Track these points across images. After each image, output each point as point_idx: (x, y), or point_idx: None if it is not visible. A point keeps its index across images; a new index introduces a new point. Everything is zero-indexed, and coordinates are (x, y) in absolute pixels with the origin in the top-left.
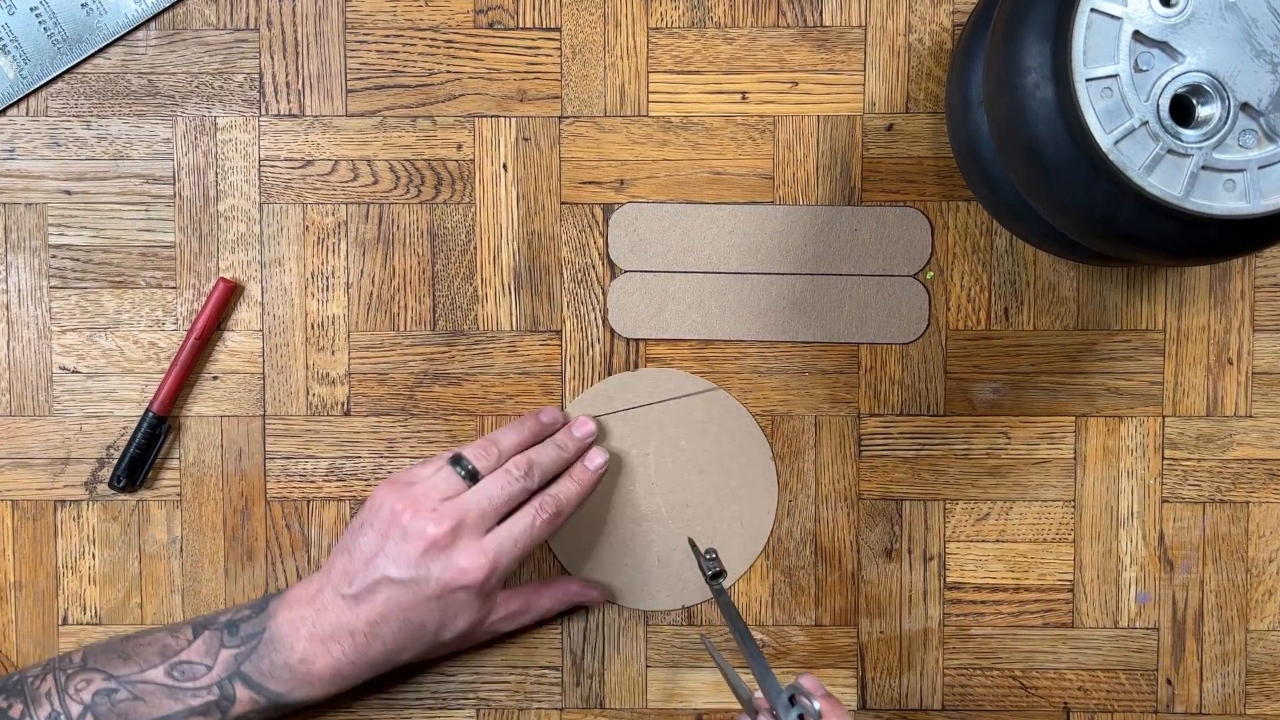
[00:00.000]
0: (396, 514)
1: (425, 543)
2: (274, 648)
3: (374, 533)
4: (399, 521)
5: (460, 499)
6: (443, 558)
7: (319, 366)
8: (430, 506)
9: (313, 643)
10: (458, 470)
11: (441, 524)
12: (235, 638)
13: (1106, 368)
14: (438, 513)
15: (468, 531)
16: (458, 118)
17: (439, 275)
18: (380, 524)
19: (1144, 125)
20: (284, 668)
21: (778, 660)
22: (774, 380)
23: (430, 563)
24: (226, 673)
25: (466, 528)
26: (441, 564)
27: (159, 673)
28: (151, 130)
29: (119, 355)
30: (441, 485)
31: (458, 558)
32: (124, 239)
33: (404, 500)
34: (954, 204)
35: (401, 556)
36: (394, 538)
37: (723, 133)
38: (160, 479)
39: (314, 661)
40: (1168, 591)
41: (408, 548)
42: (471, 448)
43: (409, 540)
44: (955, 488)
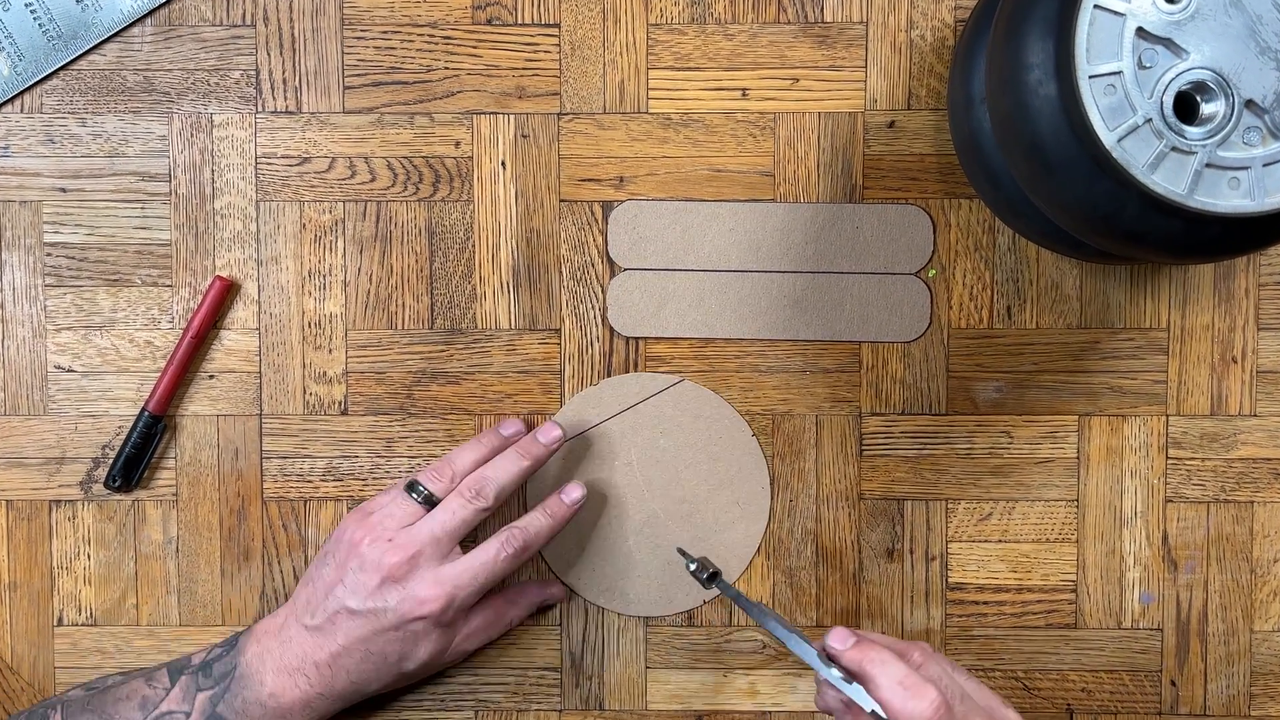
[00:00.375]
0: (355, 543)
1: (382, 573)
2: (244, 684)
3: (334, 562)
4: (357, 551)
5: (415, 527)
6: (399, 588)
7: (316, 365)
8: (387, 535)
9: (280, 675)
10: (413, 496)
11: (397, 553)
12: (209, 678)
13: (1110, 366)
14: (394, 542)
15: (425, 561)
16: (456, 114)
17: (437, 273)
18: (340, 554)
19: (1148, 122)
20: (255, 703)
21: (778, 662)
22: (774, 379)
23: (387, 594)
24: (203, 716)
25: (424, 557)
26: (399, 595)
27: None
28: (147, 127)
29: (114, 354)
30: (398, 513)
31: (415, 588)
32: (119, 237)
33: (362, 529)
34: (956, 201)
35: (359, 587)
36: (352, 568)
37: (723, 129)
38: (156, 479)
39: (283, 695)
40: (1172, 592)
41: (365, 578)
42: (427, 471)
43: (366, 570)
44: (957, 487)
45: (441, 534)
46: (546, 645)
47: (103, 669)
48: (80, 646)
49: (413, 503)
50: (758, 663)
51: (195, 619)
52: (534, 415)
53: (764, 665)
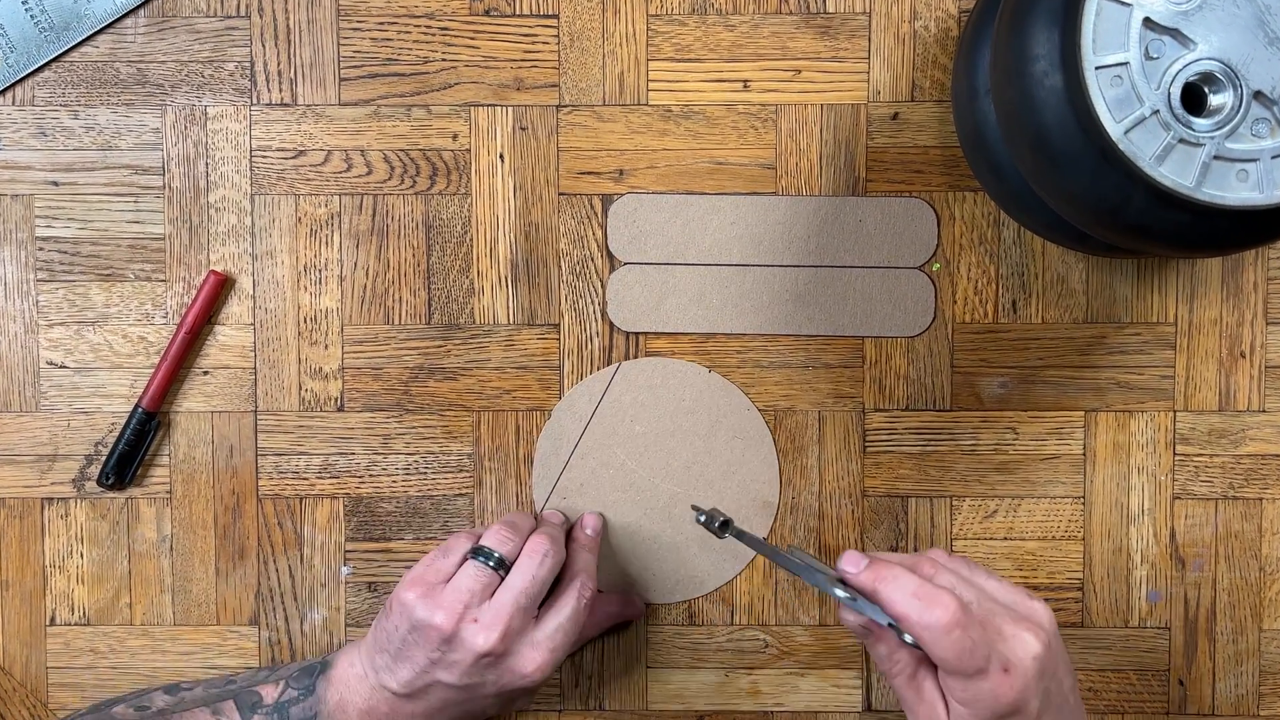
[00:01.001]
0: (434, 626)
1: (477, 654)
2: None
3: (414, 643)
4: (442, 634)
5: (498, 602)
6: (499, 666)
7: (312, 361)
8: (472, 616)
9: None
10: (484, 562)
11: (491, 635)
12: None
13: (1116, 361)
14: (481, 623)
15: (517, 631)
16: (453, 107)
17: (434, 267)
18: (419, 636)
19: (1155, 114)
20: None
21: (780, 660)
22: (777, 374)
23: (485, 671)
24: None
25: (514, 629)
26: (498, 671)
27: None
28: (140, 120)
29: (107, 350)
30: (473, 585)
31: (516, 664)
32: (112, 231)
33: (442, 610)
34: (960, 194)
35: (454, 666)
36: (442, 649)
37: (724, 122)
38: (150, 476)
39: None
40: (1179, 590)
41: (458, 657)
42: (490, 535)
43: (459, 651)
44: (962, 484)
45: (527, 602)
46: None
47: (96, 669)
48: (73, 646)
49: (486, 569)
50: (760, 662)
51: (190, 618)
52: (533, 411)
53: (767, 664)
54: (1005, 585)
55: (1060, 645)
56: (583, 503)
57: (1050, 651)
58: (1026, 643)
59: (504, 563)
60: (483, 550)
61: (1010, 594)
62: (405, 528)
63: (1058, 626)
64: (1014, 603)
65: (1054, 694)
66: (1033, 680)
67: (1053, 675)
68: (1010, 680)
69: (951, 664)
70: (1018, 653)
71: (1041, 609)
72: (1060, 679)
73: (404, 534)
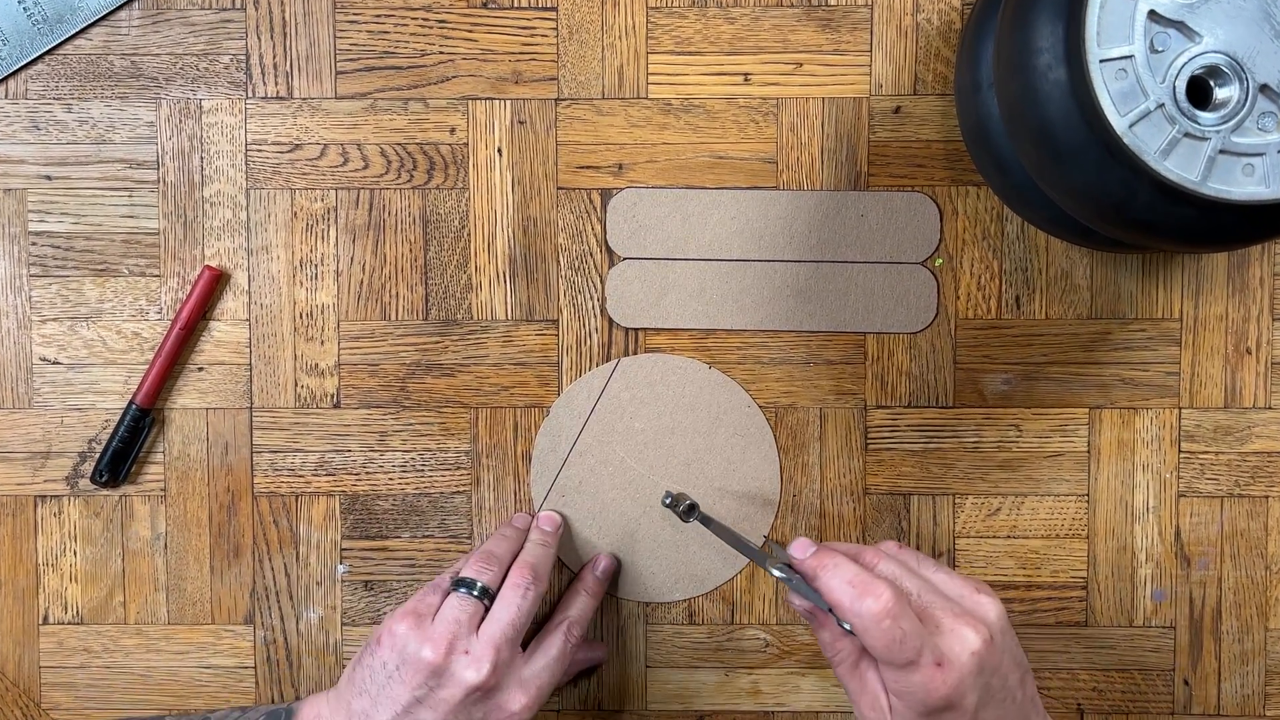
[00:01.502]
0: (423, 659)
1: (467, 689)
2: None
3: (401, 679)
4: (428, 666)
5: (489, 634)
6: (486, 702)
7: (308, 357)
8: (462, 648)
9: None
10: (470, 593)
11: (482, 667)
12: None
13: (1121, 358)
14: (471, 655)
15: (504, 664)
16: (451, 100)
17: (431, 263)
18: (408, 670)
19: (1160, 108)
20: None
21: (781, 660)
22: (777, 371)
23: (472, 707)
24: None
25: (503, 662)
26: (485, 708)
27: None
28: (134, 113)
29: (101, 346)
30: (459, 615)
31: (504, 700)
32: (106, 226)
33: (430, 641)
34: (963, 189)
35: (440, 703)
36: (429, 685)
37: (725, 115)
38: (144, 473)
39: None
40: (1185, 589)
41: (446, 694)
42: (471, 565)
43: (446, 687)
44: (965, 482)
45: (514, 634)
46: None
47: (89, 669)
48: (66, 645)
49: (470, 599)
50: (761, 661)
51: (184, 617)
52: (531, 408)
53: (767, 664)
54: (955, 579)
55: (1009, 640)
56: (581, 500)
57: (993, 647)
58: (965, 638)
59: (488, 592)
60: (464, 581)
61: (959, 587)
62: (402, 526)
63: (1009, 621)
64: (960, 596)
65: (996, 690)
66: (969, 675)
67: (995, 670)
68: (943, 675)
69: (882, 654)
70: (954, 648)
71: (989, 603)
72: (1005, 674)
73: (401, 532)
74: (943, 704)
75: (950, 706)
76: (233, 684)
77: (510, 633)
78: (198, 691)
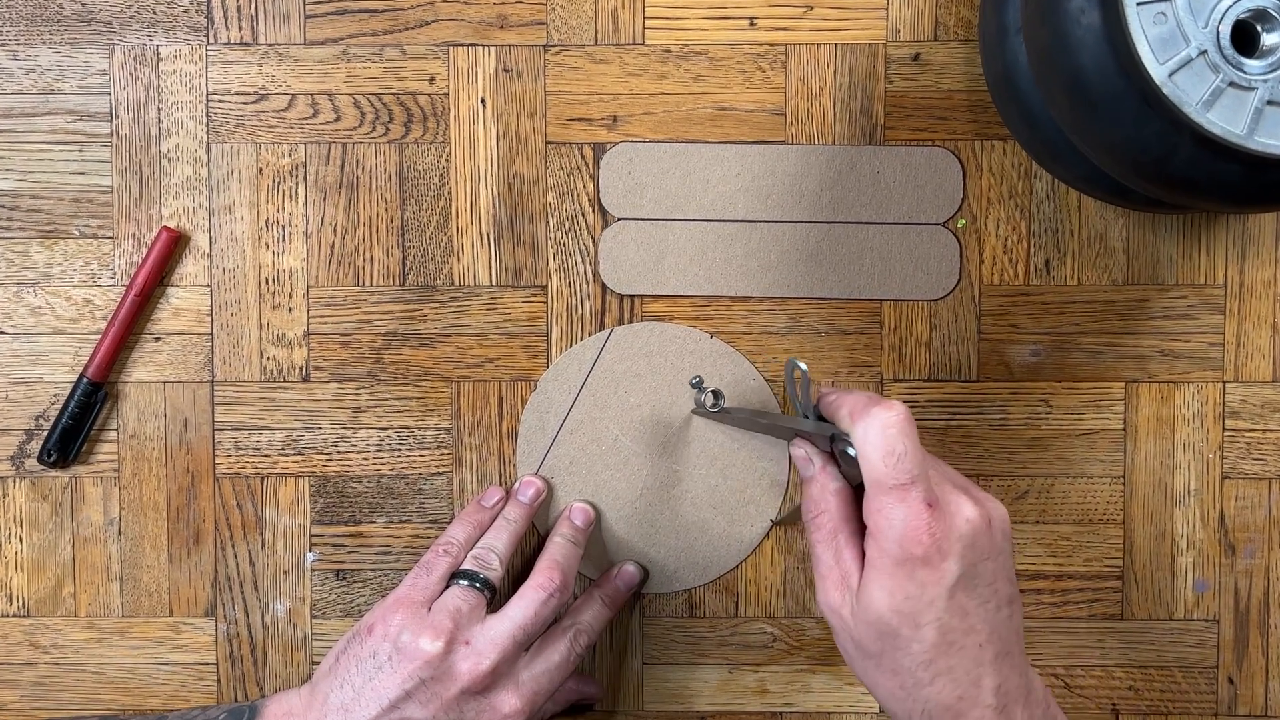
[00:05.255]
0: (421, 648)
1: (463, 683)
2: None
3: (393, 668)
4: (425, 655)
5: (493, 630)
6: (479, 700)
7: (274, 326)
8: (463, 639)
9: None
10: (474, 585)
11: (481, 663)
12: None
13: (1160, 327)
14: (472, 647)
15: (505, 668)
16: (430, 47)
17: (409, 224)
18: (403, 659)
19: (1202, 55)
20: None
21: (790, 656)
22: (786, 341)
23: (464, 704)
24: None
25: (504, 661)
26: (477, 707)
27: None
28: (86, 61)
29: (49, 314)
30: (461, 605)
31: (497, 701)
32: (55, 183)
33: (429, 630)
34: (988, 143)
35: (432, 698)
36: (422, 676)
37: (728, 63)
38: (96, 453)
39: None
40: (1229, 579)
41: (439, 688)
42: (474, 558)
43: (442, 680)
44: (990, 462)
45: (523, 638)
46: None
47: (36, 665)
48: (11, 640)
49: (473, 591)
50: (768, 658)
51: (140, 609)
52: (517, 381)
53: (775, 661)
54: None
55: (1006, 547)
56: (572, 482)
57: (989, 532)
58: (963, 506)
59: (490, 584)
60: (466, 573)
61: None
62: (377, 510)
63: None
64: (969, 487)
65: (982, 581)
66: (955, 540)
67: (985, 557)
68: (930, 517)
69: (876, 465)
70: (951, 504)
71: (997, 503)
72: (995, 574)
73: (376, 517)
74: (921, 554)
75: (928, 562)
76: (193, 682)
77: (520, 635)
78: (155, 690)
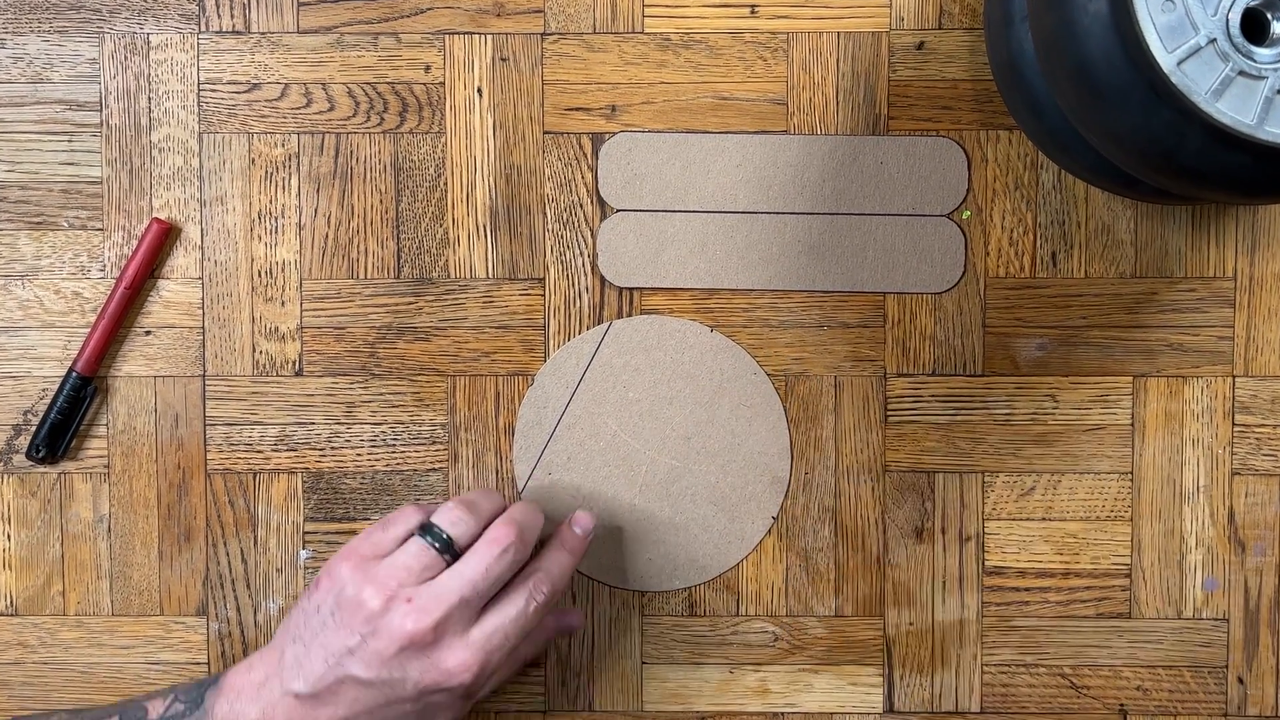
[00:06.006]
0: (362, 603)
1: (402, 641)
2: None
3: (336, 624)
4: (365, 609)
5: (441, 585)
6: (423, 658)
7: (267, 320)
8: (405, 595)
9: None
10: (430, 542)
11: (421, 619)
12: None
13: (1169, 321)
14: (415, 604)
15: (453, 625)
16: (426, 35)
17: (404, 215)
18: (345, 614)
19: (1211, 43)
20: None
21: (792, 656)
22: (788, 335)
23: (407, 663)
24: None
25: (451, 620)
26: (421, 665)
27: None
28: (75, 49)
29: (38, 307)
30: (413, 564)
31: (442, 658)
32: (43, 174)
33: (372, 584)
34: (994, 133)
35: (372, 656)
36: (361, 632)
37: (729, 52)
38: (85, 448)
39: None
40: (1239, 577)
41: (379, 645)
42: (444, 512)
43: (380, 636)
44: (995, 458)
45: (473, 596)
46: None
47: (24, 665)
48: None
49: (431, 550)
50: (769, 657)
51: (130, 608)
52: (514, 376)
53: (776, 660)
54: None
55: None
56: (569, 478)
57: None
58: None
59: (452, 545)
60: (431, 529)
61: None
62: (371, 506)
63: None
64: None
65: None
66: None
67: None
68: None
69: None
70: None
71: None
72: None
73: (369, 513)
74: None
75: None
76: (184, 682)
77: (468, 592)
78: (145, 690)
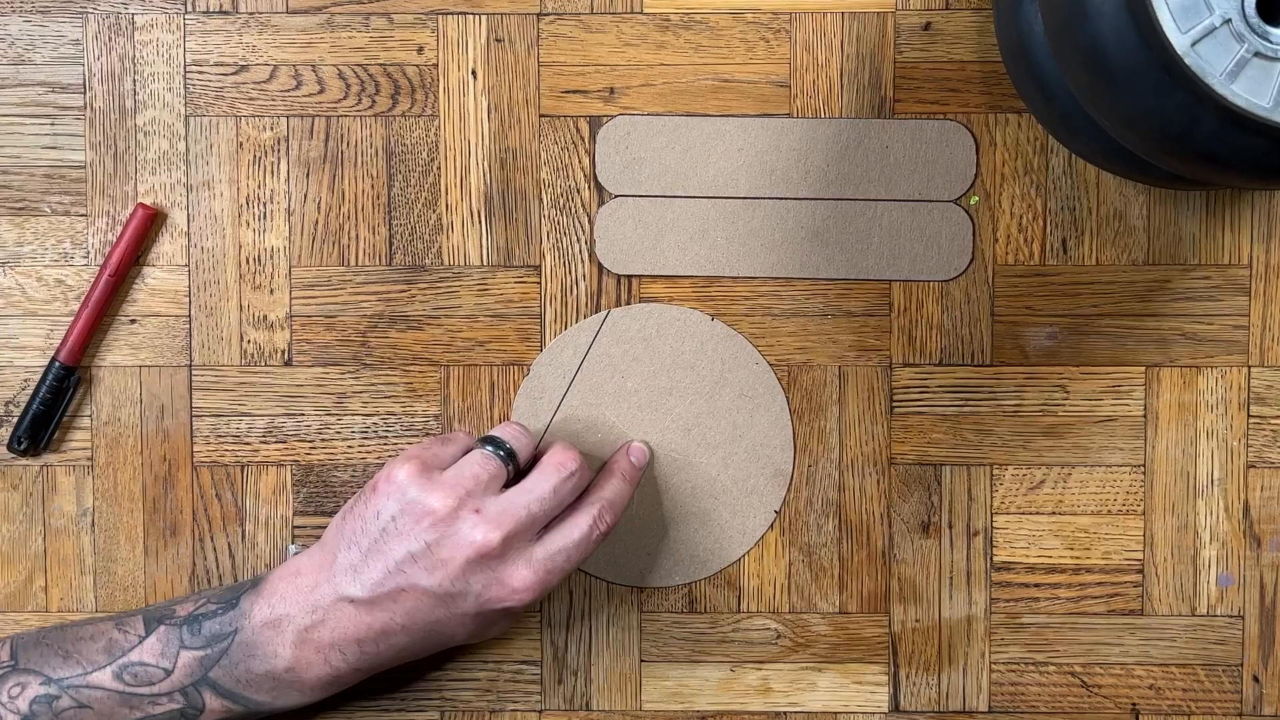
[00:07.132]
0: (431, 509)
1: (469, 552)
2: (251, 653)
3: (398, 529)
4: (433, 517)
5: (510, 500)
6: (487, 571)
7: (255, 308)
8: (473, 505)
9: (305, 649)
10: (494, 451)
11: (491, 532)
12: (198, 637)
13: (1182, 309)
14: (483, 515)
15: (519, 542)
16: (418, 15)
17: (396, 201)
18: (409, 519)
19: (1226, 23)
20: (266, 677)
21: (795, 654)
22: (791, 324)
23: (471, 575)
24: (190, 678)
25: (518, 537)
26: (485, 579)
27: (106, 675)
28: (58, 30)
29: (20, 295)
30: (480, 472)
31: (506, 574)
32: (25, 158)
33: (440, 490)
34: (1002, 116)
35: (437, 564)
36: (427, 539)
37: (731, 33)
38: (68, 440)
39: (305, 671)
40: (1254, 572)
41: (445, 553)
42: (503, 428)
43: (446, 545)
44: (1004, 451)
45: (540, 514)
46: (524, 635)
47: None
48: None
49: (495, 459)
50: (771, 655)
51: (114, 604)
52: (510, 366)
53: (779, 658)
54: None
55: None
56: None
57: None
58: None
59: (515, 458)
60: (494, 439)
61: None
62: None
63: None
64: None
65: None
66: None
67: None
68: None
69: None
70: None
71: None
72: None
73: None
74: None
75: None
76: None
77: (536, 509)
78: None
